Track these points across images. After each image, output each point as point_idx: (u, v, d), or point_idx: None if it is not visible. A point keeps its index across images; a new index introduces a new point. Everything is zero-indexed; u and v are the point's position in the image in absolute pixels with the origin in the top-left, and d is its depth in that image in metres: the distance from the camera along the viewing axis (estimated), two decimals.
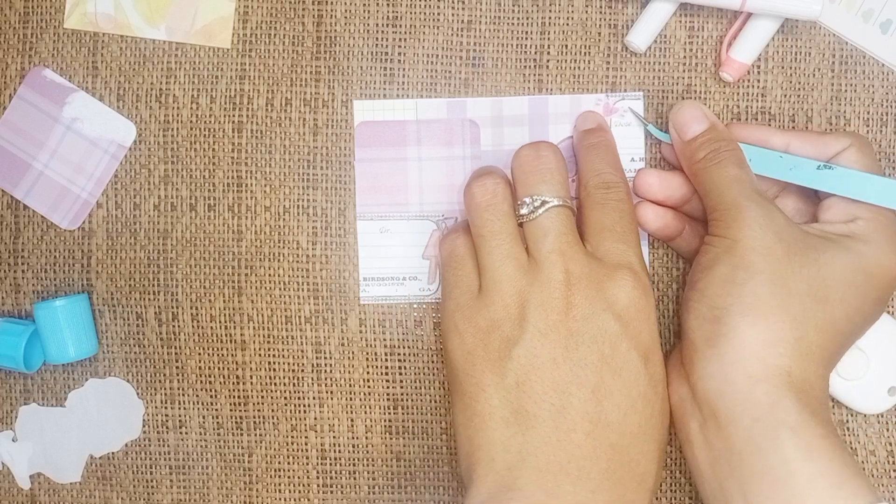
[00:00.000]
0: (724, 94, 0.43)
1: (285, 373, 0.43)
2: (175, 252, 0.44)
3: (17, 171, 0.43)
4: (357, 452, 0.44)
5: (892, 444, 0.42)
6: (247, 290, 0.43)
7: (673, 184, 0.41)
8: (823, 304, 0.36)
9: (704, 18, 0.43)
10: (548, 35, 0.43)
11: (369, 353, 0.43)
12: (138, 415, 0.44)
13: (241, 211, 0.43)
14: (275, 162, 0.43)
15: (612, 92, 0.43)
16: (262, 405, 0.44)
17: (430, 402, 0.43)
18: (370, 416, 0.43)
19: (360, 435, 0.43)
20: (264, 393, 0.44)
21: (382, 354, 0.43)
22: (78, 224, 0.44)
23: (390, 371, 0.43)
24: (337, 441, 0.44)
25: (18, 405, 0.44)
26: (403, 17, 0.43)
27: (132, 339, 0.44)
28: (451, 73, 0.43)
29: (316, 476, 0.44)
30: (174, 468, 0.44)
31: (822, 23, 0.42)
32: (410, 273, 0.43)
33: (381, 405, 0.43)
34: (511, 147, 0.42)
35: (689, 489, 0.43)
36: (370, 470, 0.44)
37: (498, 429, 0.35)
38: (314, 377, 0.43)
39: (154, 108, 0.43)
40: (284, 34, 0.43)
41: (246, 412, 0.44)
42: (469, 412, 0.36)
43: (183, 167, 0.44)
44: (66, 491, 0.44)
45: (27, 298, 0.44)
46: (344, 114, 0.43)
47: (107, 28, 0.43)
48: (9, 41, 0.43)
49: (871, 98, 0.43)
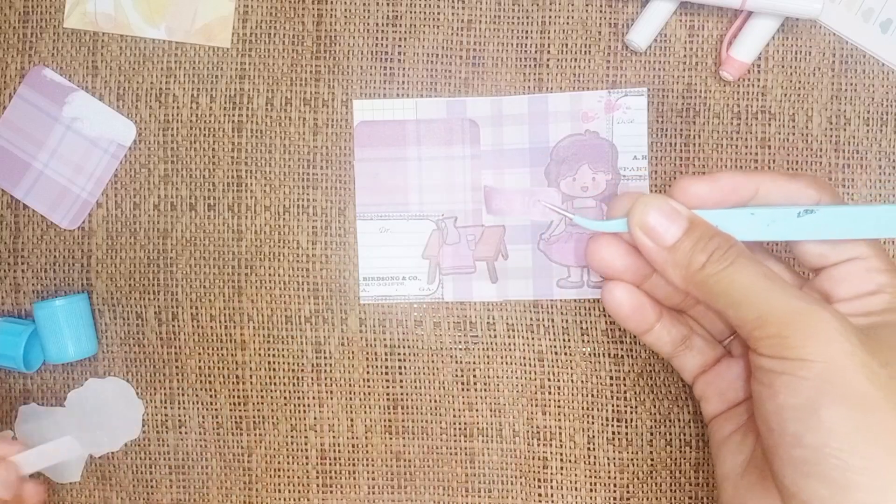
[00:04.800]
0: (725, 94, 0.43)
1: (285, 373, 0.43)
2: (175, 252, 0.44)
3: (17, 170, 0.43)
4: (357, 452, 0.44)
5: None
6: (247, 290, 0.43)
7: (641, 297, 0.36)
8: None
9: (705, 17, 0.43)
10: (548, 34, 0.43)
11: (369, 352, 0.43)
12: (138, 415, 0.44)
13: (240, 210, 0.43)
14: (275, 161, 0.43)
15: (614, 89, 0.43)
16: (261, 405, 0.44)
17: (430, 402, 0.43)
18: (370, 415, 0.43)
19: (360, 435, 0.43)
20: (264, 393, 0.44)
21: (382, 354, 0.43)
22: (78, 224, 0.44)
23: (390, 371, 0.43)
24: (336, 441, 0.43)
25: (18, 405, 0.44)
26: (403, 17, 0.43)
27: (132, 338, 0.44)
28: (451, 73, 0.43)
29: (315, 476, 0.44)
30: (174, 468, 0.44)
31: (823, 22, 0.42)
32: (410, 273, 0.43)
33: (380, 405, 0.43)
34: (511, 146, 0.42)
35: (689, 489, 0.42)
36: (370, 470, 0.43)
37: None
38: (314, 377, 0.43)
39: (154, 108, 0.43)
40: (284, 34, 0.43)
41: (245, 412, 0.44)
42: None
43: (183, 167, 0.43)
44: (66, 491, 0.44)
45: (27, 298, 0.44)
46: (344, 113, 0.43)
47: (107, 27, 0.43)
48: (9, 40, 0.43)
49: (871, 98, 0.43)
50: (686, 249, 0.33)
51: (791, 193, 0.33)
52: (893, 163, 0.43)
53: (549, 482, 0.43)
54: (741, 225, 0.33)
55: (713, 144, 0.43)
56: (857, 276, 0.32)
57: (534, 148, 0.42)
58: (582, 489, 0.43)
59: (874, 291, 0.32)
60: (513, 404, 0.43)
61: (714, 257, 0.32)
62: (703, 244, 0.32)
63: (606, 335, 0.43)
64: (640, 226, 0.33)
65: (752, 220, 0.33)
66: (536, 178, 0.42)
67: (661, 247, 0.33)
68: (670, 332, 0.36)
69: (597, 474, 0.43)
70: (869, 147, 0.42)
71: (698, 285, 0.32)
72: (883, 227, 0.32)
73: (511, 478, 0.43)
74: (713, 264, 0.32)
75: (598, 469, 0.43)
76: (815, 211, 0.32)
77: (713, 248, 0.32)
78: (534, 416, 0.43)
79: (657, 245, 0.33)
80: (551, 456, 0.43)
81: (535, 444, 0.43)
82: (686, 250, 0.33)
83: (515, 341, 0.43)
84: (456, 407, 0.43)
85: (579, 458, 0.43)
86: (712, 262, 0.32)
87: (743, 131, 0.43)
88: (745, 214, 0.33)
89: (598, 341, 0.43)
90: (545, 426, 0.43)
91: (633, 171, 0.42)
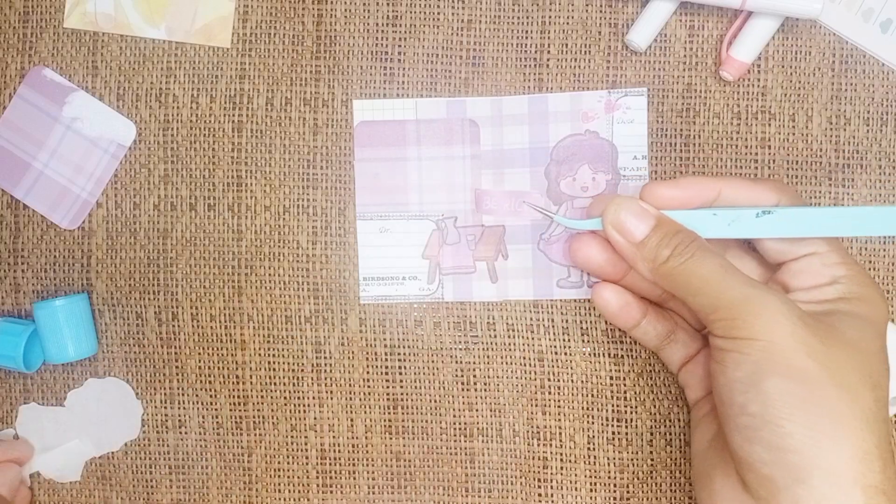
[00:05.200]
0: (725, 94, 0.43)
1: (285, 373, 0.43)
2: (175, 252, 0.44)
3: (17, 170, 0.43)
4: (357, 452, 0.43)
5: (892, 444, 0.42)
6: (247, 290, 0.43)
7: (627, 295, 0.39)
8: (876, 390, 0.32)
9: (705, 17, 0.43)
10: (548, 34, 0.43)
11: (369, 352, 0.43)
12: (138, 415, 0.44)
13: (240, 210, 0.43)
14: (275, 161, 0.43)
15: (614, 89, 0.43)
16: (261, 405, 0.44)
17: (430, 402, 0.43)
18: (370, 415, 0.43)
19: (360, 435, 0.43)
20: (264, 393, 0.44)
21: (382, 354, 0.43)
22: (78, 224, 0.44)
23: (390, 371, 0.43)
24: (336, 441, 0.43)
25: (18, 405, 0.44)
26: (403, 17, 0.43)
27: (132, 338, 0.44)
28: (451, 73, 0.43)
29: (315, 476, 0.44)
30: (174, 468, 0.44)
31: (823, 22, 0.42)
32: (410, 273, 0.43)
33: (380, 405, 0.43)
34: (511, 146, 0.42)
35: (689, 489, 0.42)
36: (370, 470, 0.43)
37: None
38: (314, 377, 0.43)
39: (154, 108, 0.43)
40: (284, 34, 0.43)
41: (245, 412, 0.44)
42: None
43: (183, 167, 0.43)
44: (66, 490, 0.44)
45: (27, 298, 0.44)
46: (344, 113, 0.43)
47: (106, 27, 0.43)
48: (9, 40, 0.43)
49: (871, 97, 0.43)
50: (653, 245, 0.36)
51: (753, 196, 0.36)
52: (893, 163, 0.43)
53: (549, 482, 0.43)
54: (705, 224, 0.36)
55: (713, 144, 0.43)
56: (813, 270, 0.35)
57: (534, 148, 0.42)
58: (582, 489, 0.43)
59: (829, 283, 0.35)
60: (513, 404, 0.43)
61: (676, 251, 0.35)
62: (667, 240, 0.35)
63: (606, 335, 0.43)
64: (613, 224, 0.37)
65: (715, 219, 0.36)
66: (536, 179, 0.42)
67: (631, 243, 0.36)
68: (655, 327, 0.39)
69: (597, 474, 0.43)
70: (869, 147, 0.42)
71: (663, 277, 0.36)
72: (834, 227, 0.35)
73: (511, 478, 0.43)
74: (675, 258, 0.35)
75: (598, 469, 0.43)
76: (773, 212, 0.35)
77: (676, 243, 0.35)
78: (534, 416, 0.43)
79: (628, 241, 0.36)
80: (551, 456, 0.43)
81: (535, 444, 0.43)
82: (653, 246, 0.36)
83: (515, 341, 0.43)
84: (456, 407, 0.43)
85: (579, 458, 0.43)
86: (675, 255, 0.35)
87: (743, 131, 0.43)
88: (709, 215, 0.36)
89: (598, 341, 0.43)
90: (545, 426, 0.43)
91: (633, 171, 0.42)
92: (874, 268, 0.42)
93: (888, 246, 0.42)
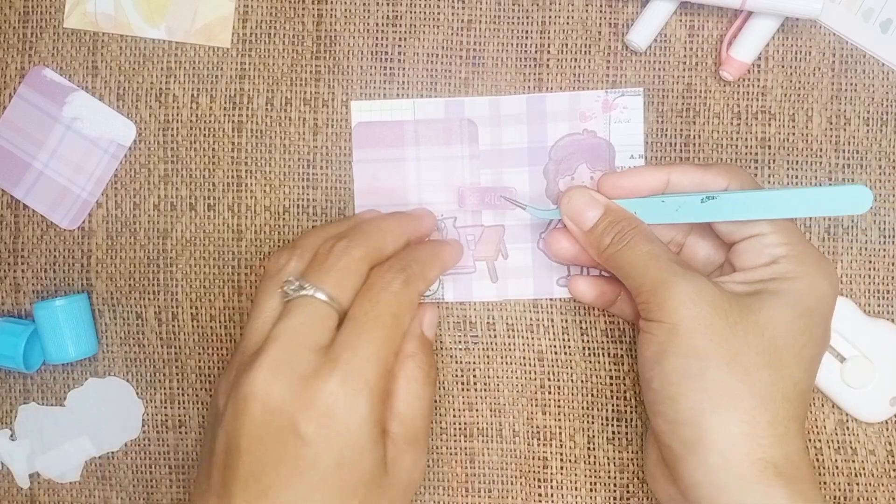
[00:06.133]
0: (725, 93, 0.43)
1: None
2: (175, 252, 0.44)
3: (17, 170, 0.43)
4: None
5: (892, 444, 0.42)
6: (247, 290, 0.43)
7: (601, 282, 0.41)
8: (781, 370, 0.34)
9: (705, 17, 0.43)
10: (548, 34, 0.43)
11: None
12: (138, 414, 0.44)
13: (240, 210, 0.43)
14: (274, 161, 0.43)
15: (611, 89, 0.43)
16: None
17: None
18: None
19: None
20: None
21: None
22: (78, 224, 0.44)
23: None
24: None
25: (18, 405, 0.44)
26: (403, 17, 0.43)
27: (132, 338, 0.44)
28: (451, 73, 0.43)
29: None
30: (174, 468, 0.44)
31: (823, 22, 0.42)
32: None
33: None
34: (509, 146, 0.42)
35: None
36: None
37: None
38: None
39: (154, 108, 0.43)
40: (284, 34, 0.43)
41: None
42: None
43: (183, 167, 0.44)
44: (66, 490, 0.44)
45: (27, 298, 0.44)
46: (344, 113, 0.43)
47: (106, 27, 0.43)
48: (9, 40, 0.44)
49: (871, 97, 0.43)
50: (599, 232, 0.38)
51: (702, 181, 0.38)
52: (893, 163, 0.43)
53: (549, 482, 0.43)
54: (654, 210, 0.38)
55: (713, 144, 0.43)
56: (755, 250, 0.37)
57: (532, 147, 0.43)
58: (582, 489, 0.43)
59: (768, 263, 0.36)
60: (513, 404, 0.43)
61: (616, 238, 0.37)
62: (611, 227, 0.38)
63: (606, 335, 0.43)
64: (566, 212, 0.39)
65: (663, 206, 0.38)
66: (535, 178, 0.43)
67: (582, 230, 0.39)
68: (629, 304, 0.41)
69: (597, 474, 0.43)
70: (869, 147, 0.42)
71: (606, 261, 0.38)
72: (772, 209, 0.36)
73: (511, 478, 0.43)
74: (614, 244, 0.37)
75: (598, 469, 0.43)
76: (717, 197, 0.37)
77: (617, 230, 0.37)
78: (534, 416, 0.43)
79: (580, 228, 0.39)
80: (551, 456, 0.43)
81: (535, 443, 0.43)
82: (599, 232, 0.38)
83: (515, 341, 0.43)
84: (456, 407, 0.43)
85: (579, 458, 0.43)
86: (614, 242, 0.37)
87: (743, 131, 0.43)
88: (657, 202, 0.38)
89: (598, 341, 0.43)
90: (545, 426, 0.43)
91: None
92: (874, 268, 0.42)
93: (888, 246, 0.42)
